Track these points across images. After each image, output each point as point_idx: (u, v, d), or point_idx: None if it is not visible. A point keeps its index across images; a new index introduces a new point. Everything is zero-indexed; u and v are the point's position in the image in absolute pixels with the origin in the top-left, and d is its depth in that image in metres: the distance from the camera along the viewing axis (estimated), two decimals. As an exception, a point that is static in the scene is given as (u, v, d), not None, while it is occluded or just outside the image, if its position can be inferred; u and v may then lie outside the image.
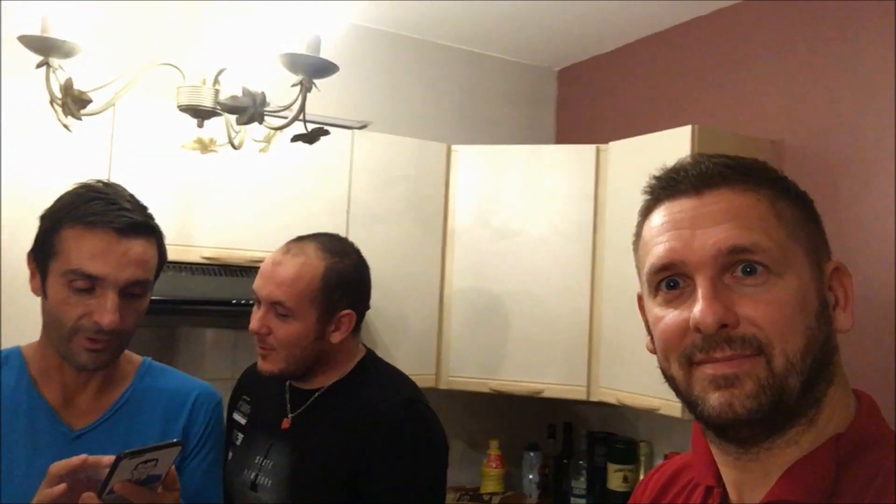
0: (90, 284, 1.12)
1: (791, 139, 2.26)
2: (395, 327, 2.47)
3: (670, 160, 0.78)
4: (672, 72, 2.69)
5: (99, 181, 1.20)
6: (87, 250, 1.12)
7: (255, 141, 1.40)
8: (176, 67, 1.25)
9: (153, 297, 1.26)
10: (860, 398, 0.72)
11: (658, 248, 0.72)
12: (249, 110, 1.13)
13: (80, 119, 1.17)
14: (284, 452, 1.42)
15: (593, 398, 2.43)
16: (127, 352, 1.30)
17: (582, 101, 3.14)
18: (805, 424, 0.69)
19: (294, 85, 1.14)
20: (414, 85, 2.96)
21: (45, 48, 1.15)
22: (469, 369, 2.55)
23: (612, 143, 2.44)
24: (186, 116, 1.35)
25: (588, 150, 2.49)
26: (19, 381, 1.20)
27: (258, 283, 1.41)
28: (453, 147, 2.63)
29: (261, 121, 1.20)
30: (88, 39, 1.20)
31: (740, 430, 0.69)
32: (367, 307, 1.52)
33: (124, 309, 1.15)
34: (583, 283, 2.44)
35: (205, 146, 1.43)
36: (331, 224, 2.25)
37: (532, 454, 2.86)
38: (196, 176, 2.16)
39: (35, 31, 1.13)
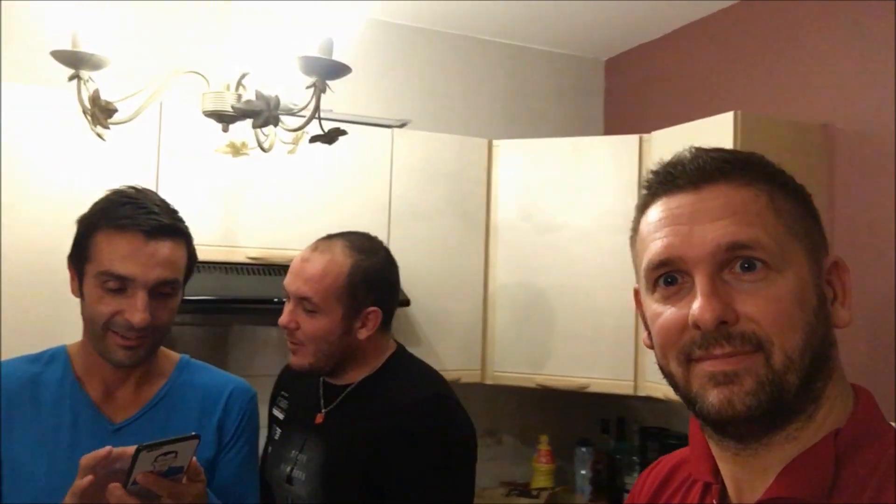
0: (121, 285, 1.17)
1: (842, 122, 2.16)
2: (440, 323, 2.48)
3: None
4: (721, 57, 2.61)
5: (131, 187, 1.25)
6: (117, 252, 1.17)
7: (284, 143, 1.43)
8: (201, 74, 1.29)
9: (202, 297, 1.30)
10: (858, 393, 0.71)
11: (656, 243, 0.72)
12: (264, 114, 1.16)
13: (108, 128, 1.22)
14: (317, 447, 1.45)
15: (640, 393, 2.39)
16: (166, 350, 1.36)
17: (630, 90, 3.08)
18: (803, 420, 0.68)
19: (309, 87, 1.16)
20: (456, 82, 2.96)
21: (74, 61, 1.20)
22: (514, 364, 2.54)
23: (654, 133, 2.39)
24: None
25: (630, 140, 2.44)
26: (64, 377, 1.27)
27: (288, 279, 1.45)
28: (494, 142, 2.62)
29: (275, 123, 1.22)
30: (114, 48, 1.25)
31: (739, 426, 0.68)
32: (395, 305, 1.53)
33: (155, 307, 1.20)
34: (628, 276, 2.36)
35: (237, 150, 1.47)
36: (373, 223, 2.28)
37: (584, 449, 2.83)
38: (240, 179, 2.22)
39: (53, 41, 1.19)
